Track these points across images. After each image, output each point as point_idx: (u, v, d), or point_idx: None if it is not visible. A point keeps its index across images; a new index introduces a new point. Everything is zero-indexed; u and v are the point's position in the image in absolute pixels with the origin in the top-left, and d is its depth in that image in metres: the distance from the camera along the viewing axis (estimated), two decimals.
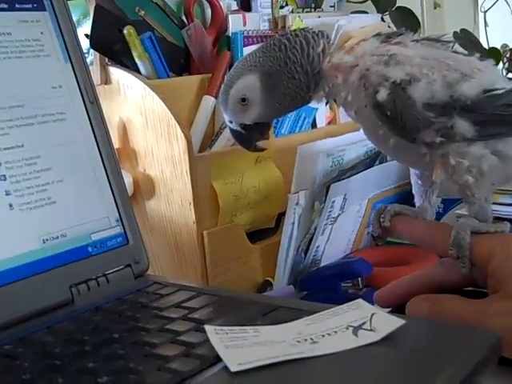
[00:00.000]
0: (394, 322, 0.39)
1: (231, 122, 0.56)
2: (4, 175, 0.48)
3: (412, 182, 0.57)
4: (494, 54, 1.17)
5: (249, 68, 0.54)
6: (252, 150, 0.59)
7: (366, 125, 0.53)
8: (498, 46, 1.24)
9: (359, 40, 0.54)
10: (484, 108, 0.48)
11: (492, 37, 1.43)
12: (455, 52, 0.54)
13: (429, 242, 0.52)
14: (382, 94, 0.49)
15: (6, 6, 0.51)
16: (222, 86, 0.56)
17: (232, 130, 0.57)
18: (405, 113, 0.48)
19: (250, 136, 0.57)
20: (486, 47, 1.24)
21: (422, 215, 0.56)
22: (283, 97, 0.53)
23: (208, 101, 0.71)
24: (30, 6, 0.53)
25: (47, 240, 0.49)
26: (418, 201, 0.57)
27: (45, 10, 0.54)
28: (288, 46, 0.53)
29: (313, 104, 0.57)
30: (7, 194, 0.48)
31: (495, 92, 0.49)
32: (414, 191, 0.57)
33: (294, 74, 0.53)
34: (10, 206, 0.48)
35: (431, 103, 0.48)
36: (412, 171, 0.57)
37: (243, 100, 0.54)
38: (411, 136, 0.49)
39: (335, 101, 0.55)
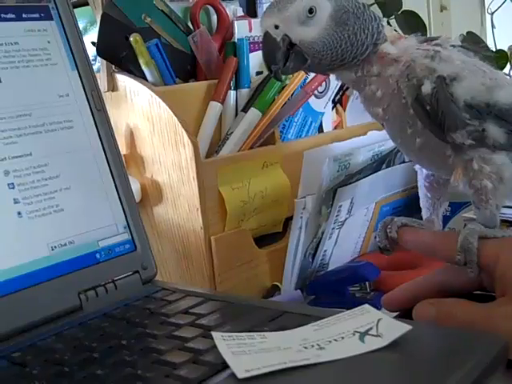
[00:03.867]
0: (401, 328, 0.39)
1: (276, 28, 0.49)
2: (12, 183, 0.48)
3: (420, 194, 0.57)
4: (501, 56, 1.17)
5: None
6: (273, 73, 0.52)
7: (393, 123, 0.53)
8: (506, 48, 1.23)
9: (398, 37, 0.53)
10: None
11: (499, 38, 1.43)
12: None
13: (436, 249, 0.52)
14: (427, 87, 0.49)
15: (13, 16, 0.52)
16: None
17: (268, 37, 0.50)
18: (446, 109, 0.48)
19: (282, 56, 0.50)
20: (494, 49, 1.23)
21: (429, 227, 0.56)
22: (345, 39, 0.50)
23: (214, 106, 0.71)
24: (36, 15, 0.53)
25: (55, 247, 0.49)
26: (425, 214, 0.57)
27: (51, 19, 0.54)
28: (366, 6, 0.51)
29: (333, 79, 0.54)
30: (16, 202, 0.48)
31: None
32: (421, 204, 0.58)
33: (364, 28, 0.50)
34: (19, 213, 0.48)
35: (471, 104, 0.49)
36: (421, 183, 0.57)
37: (310, 11, 0.49)
38: (444, 135, 0.49)
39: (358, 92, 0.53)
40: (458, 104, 0.49)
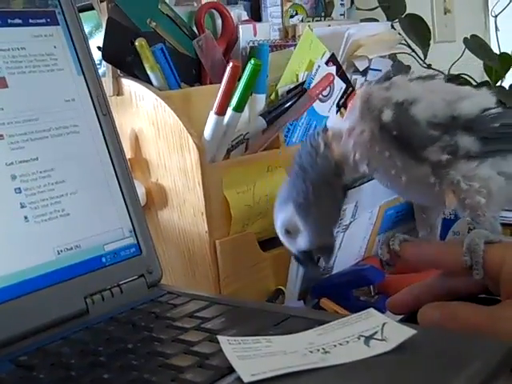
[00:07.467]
0: (406, 332, 0.39)
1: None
2: (19, 188, 0.48)
3: (416, 216, 0.58)
4: (504, 59, 1.17)
5: (284, 202, 0.57)
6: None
7: (378, 171, 0.54)
8: (509, 51, 1.23)
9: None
10: (484, 126, 0.50)
11: (503, 41, 1.43)
12: None
13: (441, 257, 0.52)
14: (387, 114, 0.51)
15: (20, 21, 0.52)
16: None
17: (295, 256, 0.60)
18: (410, 131, 0.50)
19: (314, 259, 0.59)
20: (497, 52, 1.24)
21: None
22: (317, 210, 0.55)
23: (215, 120, 0.70)
24: (43, 20, 0.53)
25: (62, 251, 0.50)
26: (421, 234, 0.58)
27: (58, 24, 0.54)
28: (300, 170, 0.56)
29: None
30: (22, 207, 0.48)
31: (493, 111, 0.51)
32: (417, 226, 0.58)
33: (318, 188, 0.55)
34: (26, 218, 0.48)
35: (434, 122, 0.50)
36: (416, 206, 0.58)
37: (288, 232, 0.57)
38: (419, 154, 0.50)
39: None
40: (422, 124, 0.50)
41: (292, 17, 0.89)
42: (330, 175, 0.55)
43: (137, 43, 0.68)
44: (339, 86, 0.78)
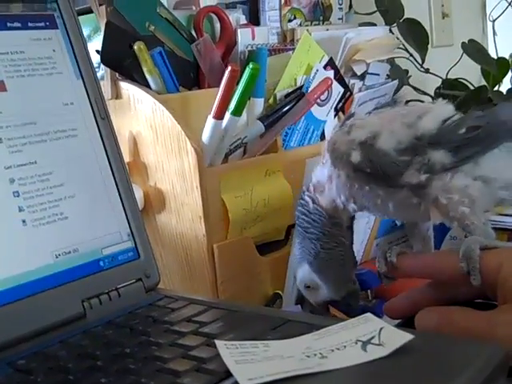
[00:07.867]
0: (403, 337, 0.39)
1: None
2: (17, 191, 0.48)
3: (408, 231, 0.59)
4: (502, 64, 1.17)
5: (300, 261, 0.60)
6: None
7: (364, 202, 0.55)
8: (507, 56, 1.24)
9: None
10: (450, 136, 0.51)
11: (501, 46, 1.44)
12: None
13: (438, 267, 0.52)
14: (355, 156, 0.52)
15: (19, 24, 0.52)
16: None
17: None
18: (382, 164, 0.51)
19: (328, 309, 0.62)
20: (495, 56, 1.24)
21: None
22: (330, 263, 0.58)
23: (214, 124, 0.70)
24: (42, 24, 0.53)
25: (60, 255, 0.50)
26: (416, 247, 0.58)
27: (57, 27, 0.54)
28: (302, 230, 0.58)
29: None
30: (20, 211, 0.48)
31: (453, 119, 0.52)
32: (410, 240, 0.59)
33: (325, 243, 0.57)
34: (23, 221, 0.48)
35: (401, 148, 0.51)
36: (407, 223, 0.59)
37: (308, 287, 0.60)
38: (397, 182, 0.52)
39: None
40: (391, 154, 0.51)
41: (290, 21, 0.89)
42: (328, 227, 0.57)
43: (135, 47, 0.68)
44: (337, 90, 0.78)
